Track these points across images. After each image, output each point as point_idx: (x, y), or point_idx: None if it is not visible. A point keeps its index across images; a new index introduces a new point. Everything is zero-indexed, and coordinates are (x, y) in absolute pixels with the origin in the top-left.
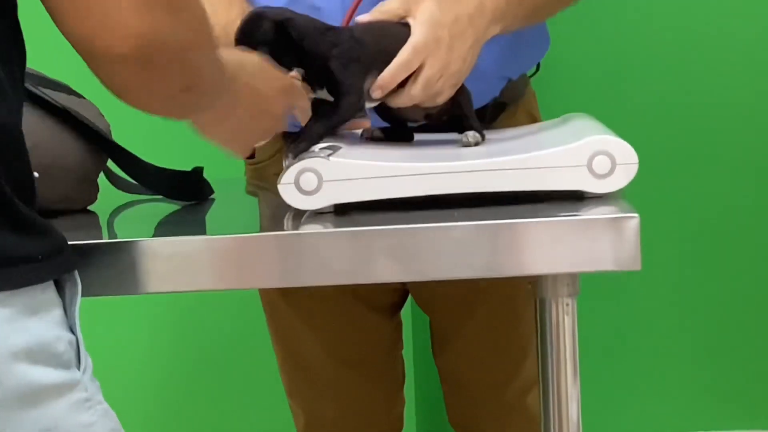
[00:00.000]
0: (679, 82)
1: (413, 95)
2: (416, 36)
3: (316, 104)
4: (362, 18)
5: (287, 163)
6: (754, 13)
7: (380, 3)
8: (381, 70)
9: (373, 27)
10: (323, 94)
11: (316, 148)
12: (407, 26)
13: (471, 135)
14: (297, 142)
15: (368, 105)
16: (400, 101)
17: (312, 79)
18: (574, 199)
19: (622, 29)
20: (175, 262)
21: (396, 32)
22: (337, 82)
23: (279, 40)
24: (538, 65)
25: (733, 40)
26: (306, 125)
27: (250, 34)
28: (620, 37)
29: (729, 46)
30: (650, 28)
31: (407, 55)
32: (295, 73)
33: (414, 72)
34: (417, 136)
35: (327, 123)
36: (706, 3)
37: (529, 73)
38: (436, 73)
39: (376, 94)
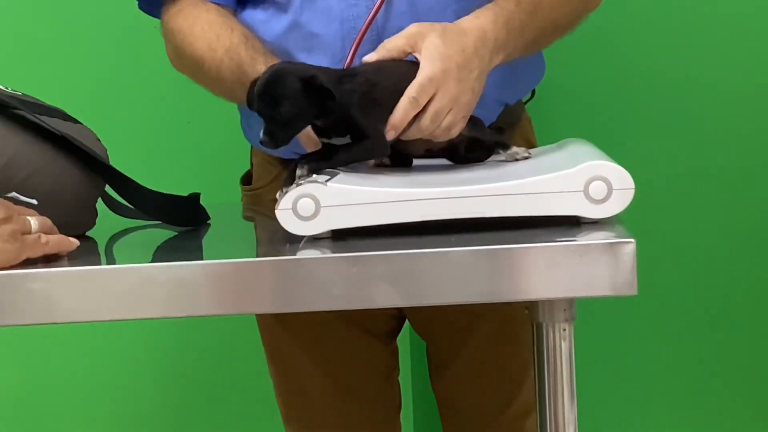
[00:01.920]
0: (675, 107)
1: (422, 128)
2: (423, 72)
3: (327, 147)
4: (369, 57)
5: (285, 189)
6: (749, 42)
7: (386, 40)
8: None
9: (385, 67)
10: (339, 141)
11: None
12: (416, 64)
13: (521, 150)
14: (318, 160)
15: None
16: (410, 134)
17: (331, 128)
18: (571, 224)
19: (618, 55)
20: (172, 288)
21: (407, 71)
22: (360, 128)
23: (303, 95)
24: (534, 91)
25: (729, 62)
26: (325, 148)
27: (274, 89)
28: (616, 63)
29: (725, 68)
30: (647, 53)
31: (414, 92)
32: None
33: (424, 105)
34: (415, 162)
35: (350, 155)
36: (700, 27)
37: (524, 99)
38: (445, 106)
39: (390, 135)
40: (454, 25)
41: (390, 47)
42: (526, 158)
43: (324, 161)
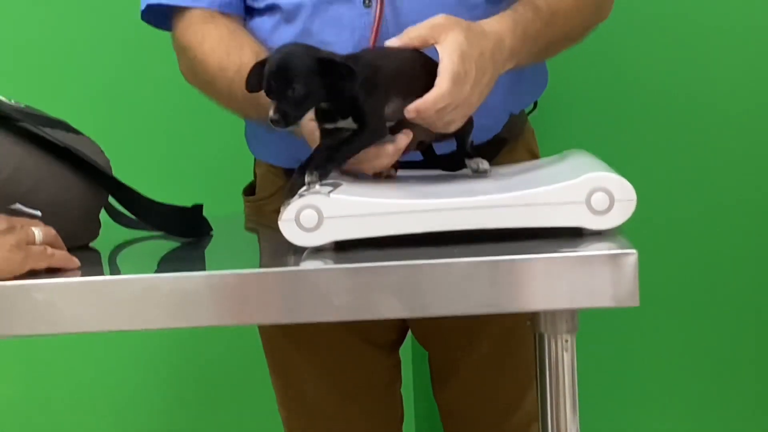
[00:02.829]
0: (676, 118)
1: (425, 117)
2: (453, 66)
3: (327, 132)
4: (392, 42)
5: (287, 200)
6: (753, 56)
7: (410, 28)
8: (399, 93)
9: (387, 52)
10: (344, 123)
11: (317, 184)
12: (420, 53)
13: (482, 162)
14: (323, 163)
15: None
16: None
17: (335, 110)
18: (573, 235)
19: (621, 67)
20: (176, 299)
21: (410, 56)
22: (362, 109)
23: (317, 75)
24: (536, 103)
25: (732, 75)
26: (325, 148)
27: (288, 69)
28: (619, 74)
29: (728, 81)
30: (649, 65)
31: (449, 86)
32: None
33: None
34: (418, 173)
35: (353, 147)
36: (703, 39)
37: (526, 111)
38: (453, 103)
39: (410, 114)
40: (477, 26)
41: (413, 36)
42: (485, 171)
43: (330, 162)
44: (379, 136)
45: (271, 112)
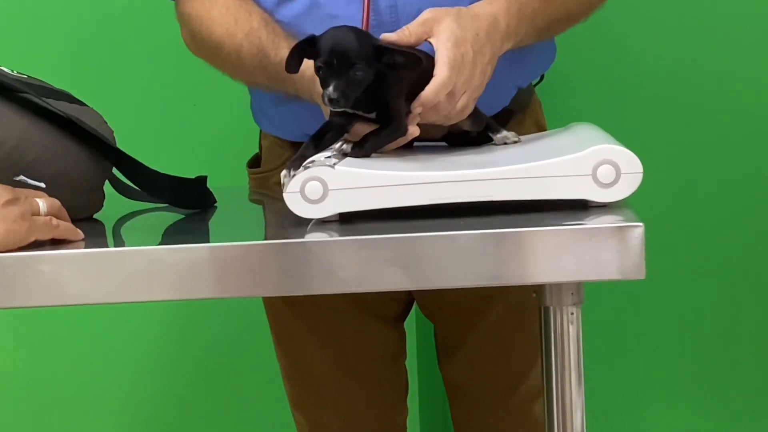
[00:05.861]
0: (684, 91)
1: (440, 108)
2: (447, 53)
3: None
4: (389, 36)
5: (292, 171)
6: (759, 27)
7: (404, 26)
8: (415, 93)
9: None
10: (363, 113)
11: (322, 156)
12: (426, 53)
13: (511, 135)
14: (358, 149)
15: None
16: (427, 116)
17: (363, 101)
18: (579, 208)
19: (628, 39)
20: (180, 270)
21: (425, 57)
22: (390, 110)
23: (375, 60)
24: (542, 75)
25: (739, 47)
26: (337, 126)
27: (350, 50)
28: (626, 47)
29: (735, 53)
30: (656, 38)
31: (447, 72)
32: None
33: None
34: (423, 144)
35: (379, 142)
36: (709, 11)
37: (533, 83)
38: (461, 87)
39: (418, 110)
40: (468, 9)
41: (407, 34)
42: (515, 143)
43: (363, 150)
44: (401, 135)
45: (330, 90)
